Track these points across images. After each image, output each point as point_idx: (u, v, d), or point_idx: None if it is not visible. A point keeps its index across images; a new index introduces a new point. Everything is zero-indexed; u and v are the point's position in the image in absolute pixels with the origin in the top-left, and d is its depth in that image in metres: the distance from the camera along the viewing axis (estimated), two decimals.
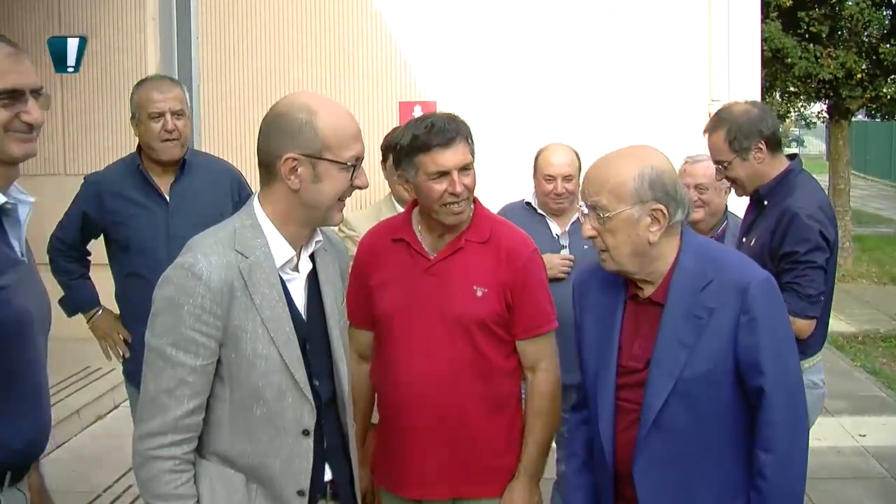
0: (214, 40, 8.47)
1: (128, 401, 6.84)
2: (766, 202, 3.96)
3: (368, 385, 3.37)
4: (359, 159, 2.51)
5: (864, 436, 7.09)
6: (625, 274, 2.74)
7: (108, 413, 6.79)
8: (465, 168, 3.10)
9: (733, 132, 3.90)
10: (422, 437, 3.16)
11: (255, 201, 2.56)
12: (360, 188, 2.54)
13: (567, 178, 4.63)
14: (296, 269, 2.59)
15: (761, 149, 3.90)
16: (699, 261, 2.69)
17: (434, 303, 3.14)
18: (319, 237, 2.64)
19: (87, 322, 4.52)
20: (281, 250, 2.52)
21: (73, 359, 7.28)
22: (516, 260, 3.20)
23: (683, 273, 2.68)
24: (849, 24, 15.21)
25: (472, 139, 3.15)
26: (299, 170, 2.45)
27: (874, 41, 15.46)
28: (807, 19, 14.89)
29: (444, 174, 3.07)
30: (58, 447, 6.13)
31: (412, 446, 3.18)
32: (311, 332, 2.60)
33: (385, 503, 3.36)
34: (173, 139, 4.21)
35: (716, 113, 4.07)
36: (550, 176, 4.63)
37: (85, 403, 6.60)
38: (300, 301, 2.60)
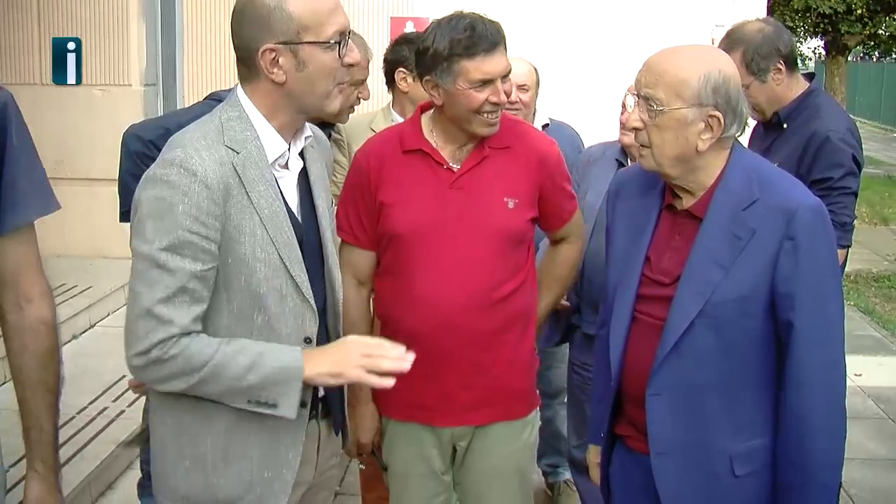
0: None
1: (105, 319, 6.86)
2: (785, 125, 3.72)
3: (369, 312, 3.13)
4: (343, 34, 2.27)
5: (860, 375, 6.96)
6: (663, 176, 2.53)
7: (84, 332, 6.58)
8: (507, 75, 2.89)
9: (750, 53, 3.63)
10: (453, 364, 2.94)
11: (240, 91, 2.32)
12: (352, 65, 2.32)
13: (522, 88, 4.38)
14: (285, 166, 2.37)
15: (780, 69, 3.65)
16: (746, 178, 2.47)
17: (463, 219, 2.91)
18: (309, 132, 2.43)
19: None
20: (273, 144, 2.31)
21: (48, 275, 7.07)
22: (547, 165, 3.04)
23: (728, 189, 2.46)
24: None
25: (506, 41, 2.94)
26: (280, 60, 2.23)
27: None
28: None
29: (487, 82, 2.84)
30: None
31: (441, 374, 2.95)
32: (305, 234, 2.38)
33: (391, 432, 3.13)
34: None
35: (727, 34, 3.78)
36: None
37: (59, 322, 6.33)
38: (293, 201, 2.38)
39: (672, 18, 7.83)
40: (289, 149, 2.36)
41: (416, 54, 2.98)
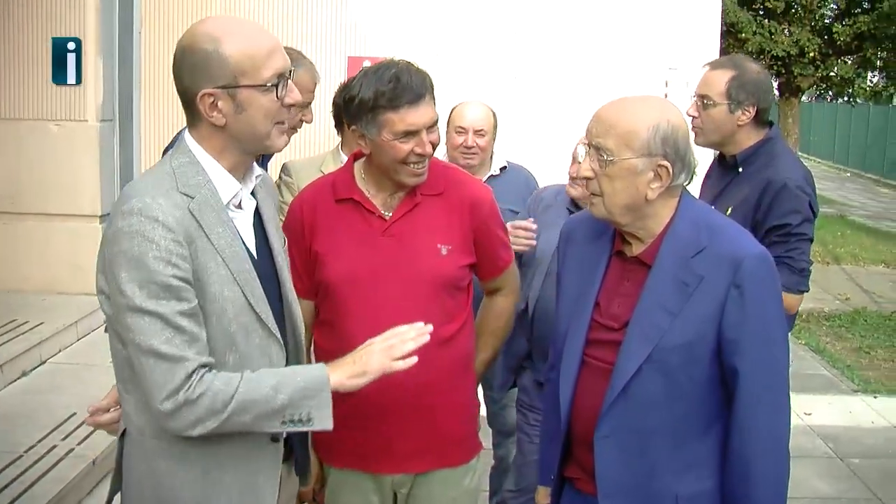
0: None
1: (56, 356, 6.77)
2: (741, 168, 3.77)
3: (310, 361, 3.10)
4: (281, 76, 2.30)
5: (810, 414, 7.05)
6: (613, 224, 2.57)
7: (34, 369, 6.45)
8: (433, 126, 2.89)
9: (738, 80, 3.68)
10: (392, 412, 2.94)
11: (188, 136, 2.35)
12: (292, 105, 2.35)
13: (479, 133, 4.45)
14: (239, 206, 2.40)
15: (748, 112, 3.69)
16: (694, 226, 2.52)
17: (396, 267, 2.91)
18: (259, 171, 2.46)
19: None
20: (226, 185, 2.34)
21: None
22: (480, 211, 3.04)
23: (676, 236, 2.51)
24: (804, 2, 15.21)
25: (434, 91, 2.93)
26: (219, 104, 2.26)
27: (828, 20, 15.51)
28: None
29: (412, 133, 2.84)
30: None
31: (380, 421, 2.96)
32: (262, 272, 2.40)
33: (333, 480, 3.12)
34: None
35: (729, 56, 3.89)
36: (462, 128, 4.44)
37: (9, 358, 6.24)
38: (249, 240, 2.41)
39: (627, 60, 7.91)
40: (241, 189, 2.39)
41: (344, 102, 2.99)
